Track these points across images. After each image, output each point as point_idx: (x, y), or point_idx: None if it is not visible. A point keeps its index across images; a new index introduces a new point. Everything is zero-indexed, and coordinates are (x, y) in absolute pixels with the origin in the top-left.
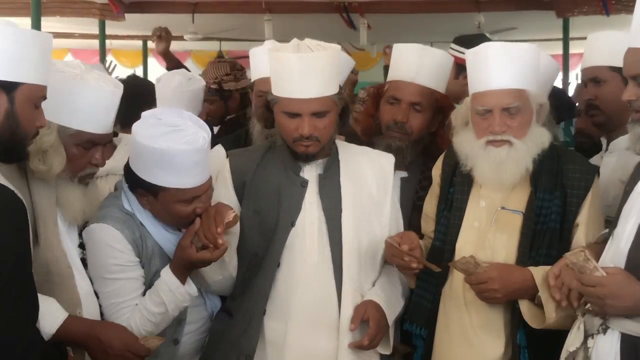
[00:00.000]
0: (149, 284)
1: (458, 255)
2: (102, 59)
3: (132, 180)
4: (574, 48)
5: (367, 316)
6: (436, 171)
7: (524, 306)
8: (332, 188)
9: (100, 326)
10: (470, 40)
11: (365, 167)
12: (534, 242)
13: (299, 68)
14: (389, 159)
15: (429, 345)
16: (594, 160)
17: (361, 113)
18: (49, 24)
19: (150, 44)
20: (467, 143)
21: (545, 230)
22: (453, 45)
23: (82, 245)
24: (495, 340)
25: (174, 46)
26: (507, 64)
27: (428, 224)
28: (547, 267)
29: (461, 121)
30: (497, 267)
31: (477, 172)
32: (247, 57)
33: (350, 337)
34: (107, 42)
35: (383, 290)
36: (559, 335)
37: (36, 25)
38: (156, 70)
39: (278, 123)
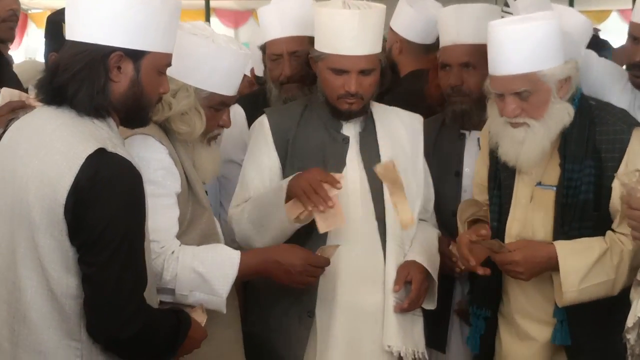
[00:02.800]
0: None
1: (508, 234)
2: None
3: None
4: None
5: (410, 277)
6: (483, 139)
7: (557, 282)
8: (371, 146)
9: (273, 251)
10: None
11: (398, 126)
12: (565, 216)
13: (352, 24)
14: (418, 120)
15: (491, 322)
16: None
17: (429, 86)
18: None
19: (213, 3)
20: (492, 118)
21: (576, 203)
22: (503, 8)
23: None
24: (548, 314)
25: (237, 5)
26: (513, 49)
27: (482, 193)
28: (576, 240)
29: None
30: (522, 249)
31: (500, 150)
32: None
33: (395, 296)
34: None
35: (423, 249)
36: (607, 306)
37: None
38: (218, 30)
39: (322, 80)
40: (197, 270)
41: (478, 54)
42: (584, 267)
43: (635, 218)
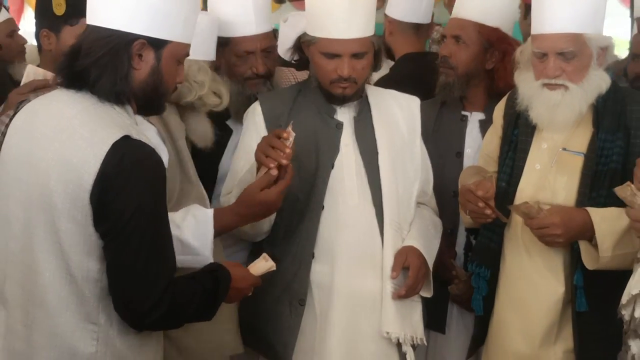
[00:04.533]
0: None
1: (519, 196)
2: None
3: None
4: None
5: (407, 263)
6: (498, 112)
7: (583, 247)
8: (367, 131)
9: (239, 204)
10: None
11: (394, 109)
12: (594, 183)
13: (342, 8)
14: (415, 102)
15: (491, 286)
16: None
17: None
18: None
19: None
20: (525, 83)
21: (607, 171)
22: None
23: None
24: (554, 281)
25: None
26: (565, 7)
27: (488, 164)
28: (606, 209)
29: (526, 59)
30: (559, 212)
31: (532, 113)
32: None
33: (393, 282)
34: None
35: (420, 235)
36: (616, 277)
37: None
38: None
39: (315, 64)
40: (174, 235)
41: (472, 31)
42: (615, 234)
43: (637, 229)
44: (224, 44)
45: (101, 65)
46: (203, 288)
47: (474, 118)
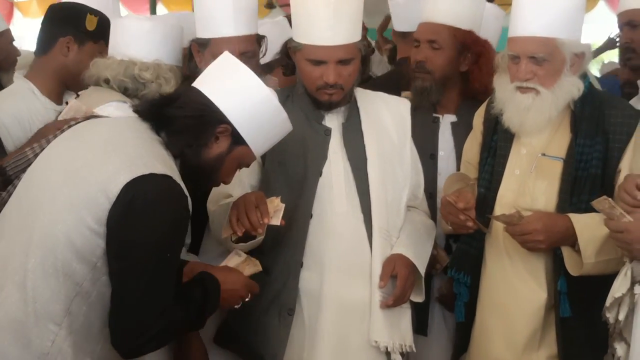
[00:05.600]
0: None
1: (499, 202)
2: (153, 7)
3: None
4: None
5: (395, 272)
6: (478, 118)
7: (566, 253)
8: (355, 137)
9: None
10: None
11: (384, 113)
12: (574, 188)
13: (327, 13)
14: (405, 104)
15: (473, 292)
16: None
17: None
18: None
19: None
20: (500, 86)
21: (586, 176)
22: None
23: None
24: (536, 286)
25: None
26: (538, 11)
27: (469, 171)
28: (588, 215)
29: (506, 63)
30: (541, 217)
31: (504, 116)
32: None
33: (381, 291)
34: None
35: (410, 241)
36: (599, 282)
37: None
38: None
39: (300, 71)
40: None
41: (447, 35)
42: (598, 240)
43: (618, 240)
44: (204, 45)
45: (187, 123)
46: (194, 304)
47: (446, 120)
